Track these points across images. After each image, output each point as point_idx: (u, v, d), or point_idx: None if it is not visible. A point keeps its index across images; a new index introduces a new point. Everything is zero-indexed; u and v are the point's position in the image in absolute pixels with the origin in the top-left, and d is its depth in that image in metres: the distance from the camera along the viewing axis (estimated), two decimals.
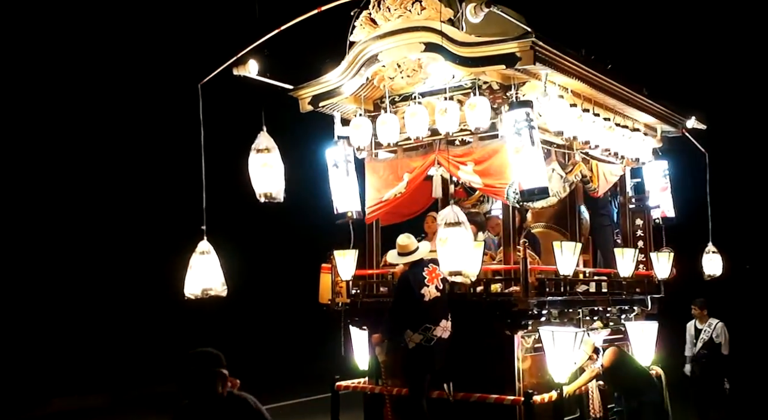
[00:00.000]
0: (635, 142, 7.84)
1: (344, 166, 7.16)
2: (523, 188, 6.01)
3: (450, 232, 4.88)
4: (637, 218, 8.49)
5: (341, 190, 7.12)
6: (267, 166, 5.11)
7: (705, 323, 9.08)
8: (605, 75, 6.96)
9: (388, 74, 6.76)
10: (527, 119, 6.06)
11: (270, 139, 5.24)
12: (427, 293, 6.21)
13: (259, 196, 5.19)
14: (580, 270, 7.18)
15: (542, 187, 5.97)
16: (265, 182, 5.12)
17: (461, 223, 4.91)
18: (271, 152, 5.18)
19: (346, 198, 7.10)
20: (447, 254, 4.87)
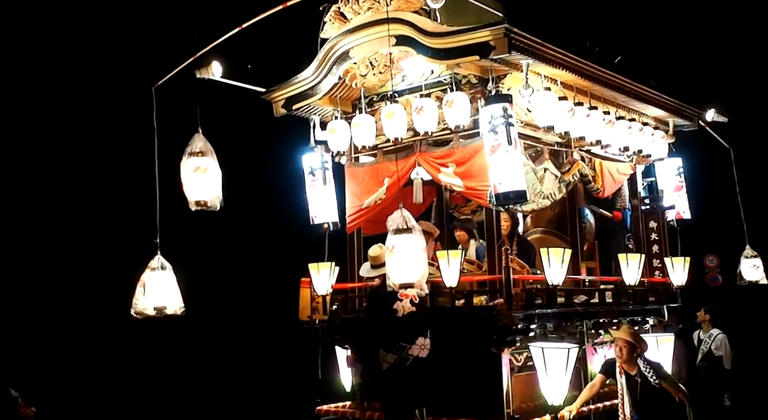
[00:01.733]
0: (643, 138, 7.18)
1: (321, 173, 6.69)
2: (498, 191, 5.45)
3: (398, 239, 4.34)
4: (651, 221, 7.79)
5: (317, 200, 6.65)
6: (201, 171, 4.67)
7: (706, 333, 8.34)
8: (599, 64, 6.35)
9: (359, 72, 6.28)
10: (504, 115, 5.51)
11: (206, 141, 4.80)
12: (400, 308, 5.66)
13: (191, 205, 4.75)
14: (574, 278, 6.55)
15: (519, 191, 5.41)
16: (198, 189, 4.68)
17: (411, 228, 4.37)
18: (206, 156, 4.75)
19: (323, 208, 6.63)
20: (396, 265, 4.33)
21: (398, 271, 4.34)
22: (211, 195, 4.78)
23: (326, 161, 6.73)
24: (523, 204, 5.89)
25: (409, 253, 4.32)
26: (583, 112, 6.30)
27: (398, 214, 4.42)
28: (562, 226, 7.10)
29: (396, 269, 4.34)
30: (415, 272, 4.35)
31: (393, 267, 4.35)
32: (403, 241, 4.33)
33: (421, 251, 4.39)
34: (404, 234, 4.35)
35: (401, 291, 4.51)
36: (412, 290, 4.44)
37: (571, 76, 6.19)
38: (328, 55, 6.35)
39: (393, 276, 4.38)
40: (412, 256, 4.32)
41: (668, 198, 7.85)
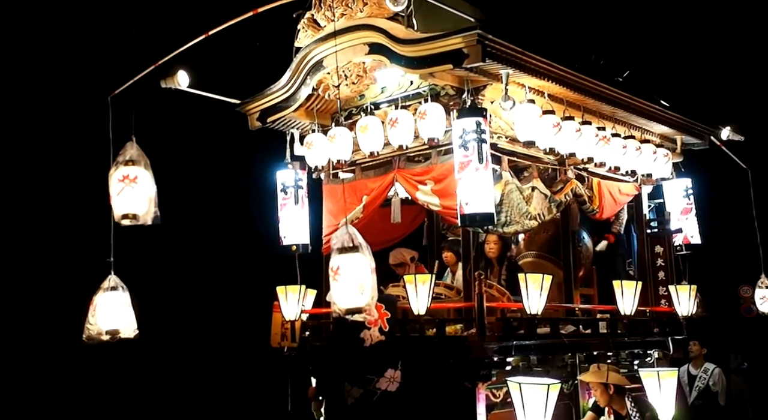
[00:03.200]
0: (642, 156, 6.66)
1: (293, 191, 6.32)
2: (464, 212, 5.02)
3: (344, 259, 3.91)
4: (657, 245, 7.24)
5: (288, 219, 6.28)
6: (130, 182, 4.31)
7: (700, 368, 7.72)
8: (592, 77, 5.89)
9: (332, 82, 5.92)
10: (477, 130, 5.08)
11: (140, 150, 4.45)
12: (367, 337, 5.25)
13: (117, 218, 4.39)
14: (564, 306, 6.04)
15: (485, 214, 4.97)
16: (127, 201, 4.32)
17: (358, 247, 3.95)
18: (138, 166, 4.39)
19: (293, 228, 6.26)
20: (341, 288, 3.91)
21: (344, 294, 3.92)
22: (142, 208, 4.41)
23: (300, 179, 6.37)
24: (493, 227, 5.44)
25: (355, 274, 3.89)
26: (573, 128, 5.83)
27: (343, 230, 4.00)
28: (556, 249, 6.60)
29: (341, 293, 3.92)
30: (362, 296, 3.91)
31: (338, 290, 3.93)
32: (349, 262, 3.90)
33: (370, 272, 3.96)
34: (350, 253, 3.92)
35: (348, 317, 4.07)
36: (359, 316, 4.02)
37: (559, 88, 5.75)
38: (302, 64, 6.01)
39: (338, 300, 3.95)
40: (359, 278, 3.89)
41: (675, 221, 7.30)
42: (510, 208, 5.68)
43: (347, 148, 6.04)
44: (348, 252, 3.92)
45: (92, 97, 5.48)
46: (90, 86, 5.80)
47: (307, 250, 6.29)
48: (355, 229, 4.01)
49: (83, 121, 6.97)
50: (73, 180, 5.35)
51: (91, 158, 5.04)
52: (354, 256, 3.93)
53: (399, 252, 6.80)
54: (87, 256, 5.61)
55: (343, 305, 3.91)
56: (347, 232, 3.97)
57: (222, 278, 8.82)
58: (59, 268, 8.75)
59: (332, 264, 3.92)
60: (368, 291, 3.90)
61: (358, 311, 3.92)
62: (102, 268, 5.02)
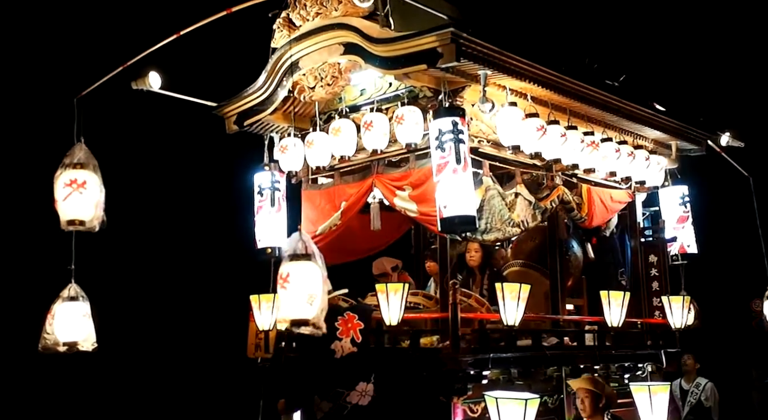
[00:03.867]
0: (633, 162, 6.41)
1: (269, 194, 6.13)
2: (443, 216, 4.80)
3: (294, 267, 3.70)
4: (651, 254, 6.98)
5: (263, 222, 6.09)
6: (78, 187, 4.14)
7: (692, 383, 7.43)
8: (579, 79, 5.66)
9: (308, 84, 5.73)
10: (454, 130, 4.87)
11: (88, 153, 4.29)
12: (338, 348, 5.05)
13: (63, 224, 4.21)
14: (547, 317, 5.80)
15: (466, 217, 4.74)
16: (73, 207, 4.15)
17: (311, 255, 3.74)
18: (86, 169, 4.22)
19: (269, 231, 6.06)
20: (290, 297, 3.69)
21: (291, 304, 3.70)
22: (88, 214, 4.23)
23: (277, 181, 6.17)
24: (474, 232, 5.22)
25: (305, 283, 3.68)
26: (557, 132, 5.60)
27: (296, 237, 3.79)
28: (544, 258, 6.35)
29: (289, 302, 3.70)
30: (311, 307, 3.71)
31: (286, 299, 3.72)
32: (300, 270, 3.69)
33: (321, 282, 3.75)
34: (301, 261, 3.71)
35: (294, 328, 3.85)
36: (307, 328, 3.81)
37: (543, 90, 5.53)
38: (277, 65, 5.82)
39: (285, 310, 3.74)
40: (308, 288, 3.68)
41: (671, 229, 7.03)
42: (491, 214, 5.46)
43: (325, 154, 5.84)
44: (299, 260, 3.72)
45: (59, 99, 5.34)
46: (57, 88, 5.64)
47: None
48: (308, 236, 3.80)
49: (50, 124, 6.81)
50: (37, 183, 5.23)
51: (56, 161, 4.88)
52: (305, 265, 3.72)
53: (381, 262, 6.59)
54: (47, 263, 5.44)
55: (290, 315, 3.69)
56: (300, 238, 3.77)
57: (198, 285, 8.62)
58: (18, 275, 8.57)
59: (282, 271, 3.71)
60: (318, 302, 3.69)
61: (304, 323, 3.71)
62: (62, 275, 4.86)
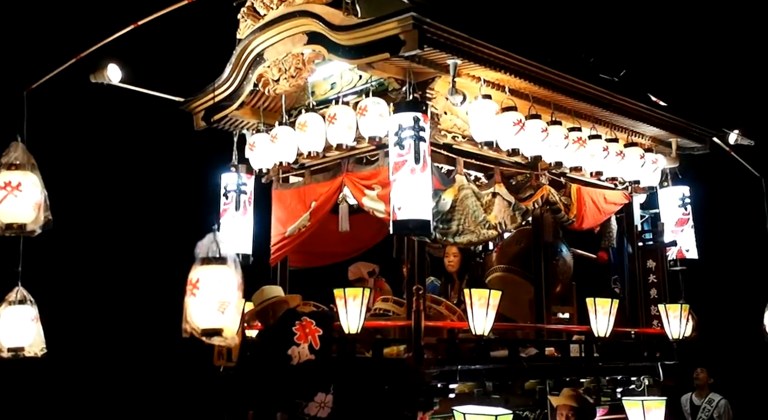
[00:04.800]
0: (629, 161, 5.99)
1: (234, 196, 5.82)
2: (396, 218, 4.45)
3: (206, 272, 3.35)
4: (649, 259, 6.53)
5: (227, 227, 5.78)
6: (13, 189, 3.85)
7: (704, 398, 6.94)
8: (559, 69, 5.27)
9: (272, 76, 5.41)
10: (415, 127, 4.52)
11: (26, 152, 4.00)
12: (295, 354, 4.67)
13: (1, 231, 3.93)
14: (519, 325, 5.40)
15: (419, 221, 4.40)
16: (10, 210, 3.87)
17: (225, 259, 3.40)
18: (23, 169, 3.94)
19: (234, 236, 5.75)
20: (200, 304, 3.35)
21: (202, 312, 3.35)
22: (27, 216, 3.94)
23: (243, 183, 5.87)
24: (446, 235, 4.86)
25: (217, 289, 3.32)
26: (538, 127, 5.21)
27: (210, 238, 3.44)
28: (529, 263, 5.94)
29: (199, 310, 3.35)
30: (223, 316, 3.35)
31: (195, 307, 3.37)
32: (212, 275, 3.33)
33: (235, 289, 3.39)
34: (214, 265, 3.35)
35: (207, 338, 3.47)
36: (218, 339, 3.45)
37: (522, 82, 5.15)
38: (242, 57, 5.52)
39: (195, 318, 3.39)
40: (221, 294, 3.33)
41: (670, 233, 6.58)
42: (464, 215, 5.09)
43: (291, 150, 5.52)
44: (212, 263, 3.36)
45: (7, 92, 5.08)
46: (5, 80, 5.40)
47: (247, 261, 5.79)
48: (223, 238, 3.44)
49: None
50: None
51: None
52: (218, 269, 3.36)
53: (357, 266, 6.24)
54: None
55: (201, 324, 3.34)
56: (214, 239, 3.41)
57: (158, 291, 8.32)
58: None
59: (192, 276, 3.35)
60: (231, 310, 3.33)
61: (216, 333, 3.36)
62: (9, 278, 4.60)
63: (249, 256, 5.80)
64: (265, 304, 4.75)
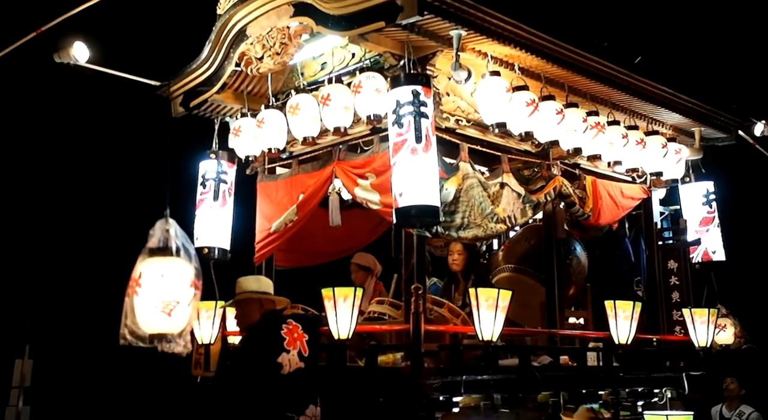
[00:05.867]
0: (651, 151, 5.45)
1: (213, 185, 5.28)
2: (398, 205, 3.91)
3: (153, 265, 2.75)
4: (671, 260, 5.97)
5: (204, 218, 5.23)
6: None
7: (734, 411, 6.39)
8: (574, 45, 4.74)
9: (255, 54, 4.87)
10: (415, 102, 3.99)
11: None
12: (285, 362, 4.10)
13: None
14: (531, 330, 4.85)
15: (426, 207, 3.88)
16: None
17: (178, 250, 2.82)
18: None
19: (210, 229, 5.21)
20: (143, 304, 2.76)
21: (146, 313, 2.76)
22: None
23: (223, 172, 5.32)
24: (449, 228, 4.32)
25: (166, 287, 2.73)
26: (552, 109, 4.67)
27: (159, 226, 2.86)
28: (540, 262, 5.38)
29: (143, 311, 2.76)
30: (170, 319, 2.77)
31: (140, 307, 2.78)
32: (160, 269, 2.74)
33: (187, 286, 2.80)
34: (163, 257, 2.76)
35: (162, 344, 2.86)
36: (171, 346, 2.85)
37: (534, 59, 4.63)
38: (222, 34, 4.99)
39: (139, 320, 2.81)
40: (170, 293, 2.73)
41: (693, 232, 6.03)
42: (469, 207, 4.54)
43: (279, 135, 4.99)
44: (158, 255, 2.76)
45: None
46: None
47: (225, 256, 5.24)
48: (176, 225, 2.84)
49: None
50: None
51: None
52: (165, 262, 2.75)
53: (367, 256, 5.71)
54: None
55: (147, 327, 2.76)
56: (164, 227, 2.82)
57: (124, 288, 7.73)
58: None
59: (136, 270, 2.76)
60: (181, 312, 2.74)
61: (164, 337, 2.77)
62: None
63: (226, 251, 5.26)
64: (258, 295, 4.14)
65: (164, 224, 2.78)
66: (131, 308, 2.72)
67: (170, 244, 2.76)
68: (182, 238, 2.78)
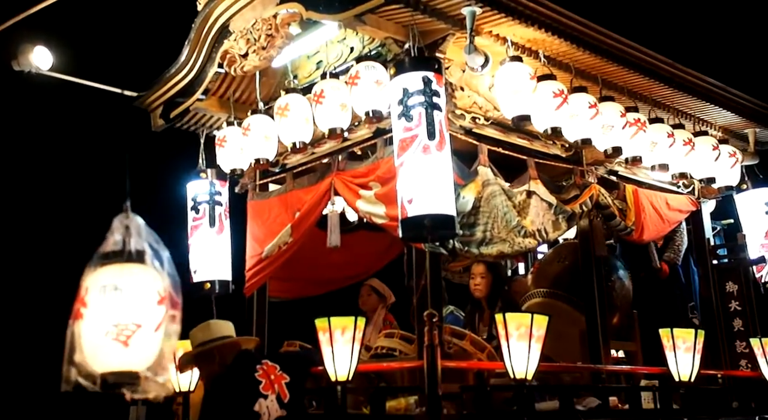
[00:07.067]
0: (700, 153, 4.70)
1: (207, 209, 4.61)
2: (407, 214, 3.20)
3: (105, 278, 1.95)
4: (729, 282, 5.17)
5: (201, 247, 4.54)
6: None
7: None
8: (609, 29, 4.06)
9: (238, 51, 4.23)
10: (426, 91, 3.31)
11: None
12: (264, 410, 3.35)
13: None
14: (575, 366, 4.05)
15: (440, 217, 3.18)
16: None
17: (142, 253, 2.03)
18: None
19: (208, 259, 4.52)
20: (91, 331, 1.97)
21: (97, 344, 2.00)
22: None
23: (217, 193, 4.65)
24: (468, 244, 3.60)
25: (124, 304, 1.97)
26: (584, 102, 3.96)
27: (118, 222, 2.10)
28: (577, 286, 4.61)
29: (92, 340, 2.00)
30: (134, 349, 1.98)
31: (87, 335, 2.02)
32: (114, 280, 1.97)
33: (154, 303, 2.04)
34: (119, 265, 1.99)
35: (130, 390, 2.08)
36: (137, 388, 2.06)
37: (562, 45, 3.94)
38: (203, 31, 4.38)
39: (88, 355, 2.06)
40: (130, 313, 1.98)
41: (757, 248, 5.21)
42: (491, 219, 3.82)
43: (269, 144, 4.31)
44: (115, 262, 2.00)
45: None
46: None
47: (227, 289, 4.54)
48: (140, 221, 2.10)
49: None
50: None
51: None
52: (126, 271, 1.97)
53: (376, 282, 5.02)
54: None
55: (95, 364, 1.99)
56: (123, 223, 2.08)
57: None
58: None
59: (83, 285, 2.02)
60: (146, 340, 1.96)
61: (126, 379, 2.00)
62: None
63: (228, 284, 4.56)
64: (210, 346, 3.44)
65: (123, 220, 2.02)
66: (78, 338, 1.97)
67: (130, 245, 2.00)
68: (149, 238, 2.02)
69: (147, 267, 2.03)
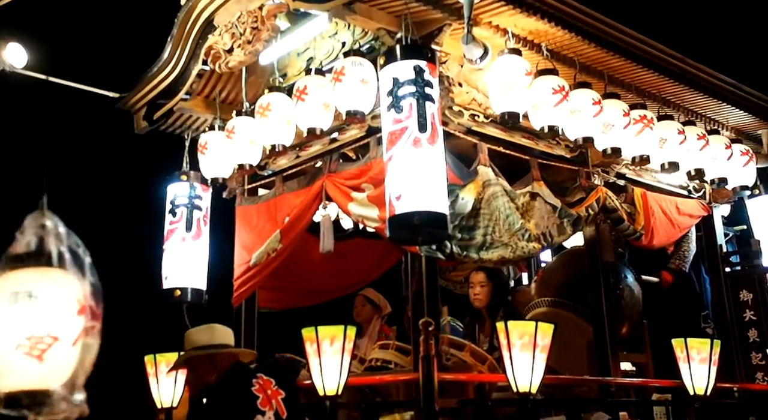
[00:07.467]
0: (712, 153, 4.46)
1: (185, 212, 4.36)
2: (395, 211, 2.96)
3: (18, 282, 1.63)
4: (742, 290, 4.91)
5: (175, 252, 4.29)
6: None
7: None
8: (615, 20, 3.84)
9: (223, 46, 4.01)
10: (418, 82, 3.08)
11: None
12: None
13: None
14: (582, 378, 3.79)
15: (431, 215, 2.92)
16: None
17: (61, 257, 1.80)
18: None
19: (181, 265, 4.26)
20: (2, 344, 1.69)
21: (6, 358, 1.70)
22: None
23: (197, 196, 4.41)
24: (467, 248, 3.35)
25: (39, 314, 1.68)
26: (587, 99, 3.72)
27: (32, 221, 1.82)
28: (584, 294, 4.36)
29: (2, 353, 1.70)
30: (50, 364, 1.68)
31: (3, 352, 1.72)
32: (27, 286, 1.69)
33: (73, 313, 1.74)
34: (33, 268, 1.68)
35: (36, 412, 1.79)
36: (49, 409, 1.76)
37: (566, 36, 3.72)
38: (186, 26, 4.16)
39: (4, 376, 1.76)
40: (46, 323, 1.69)
41: None
42: (492, 221, 3.58)
43: (254, 148, 4.06)
44: (29, 265, 1.70)
45: None
46: None
47: (200, 298, 4.27)
48: (58, 220, 1.82)
49: None
50: None
51: None
52: (42, 276, 1.68)
53: (374, 293, 4.78)
54: None
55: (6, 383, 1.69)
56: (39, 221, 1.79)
57: None
58: None
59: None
60: (64, 354, 1.66)
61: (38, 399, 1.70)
62: None
63: (202, 292, 4.29)
64: (213, 351, 3.17)
65: (39, 218, 1.77)
66: None
67: (47, 247, 1.74)
68: (68, 239, 1.77)
69: (66, 272, 1.74)
